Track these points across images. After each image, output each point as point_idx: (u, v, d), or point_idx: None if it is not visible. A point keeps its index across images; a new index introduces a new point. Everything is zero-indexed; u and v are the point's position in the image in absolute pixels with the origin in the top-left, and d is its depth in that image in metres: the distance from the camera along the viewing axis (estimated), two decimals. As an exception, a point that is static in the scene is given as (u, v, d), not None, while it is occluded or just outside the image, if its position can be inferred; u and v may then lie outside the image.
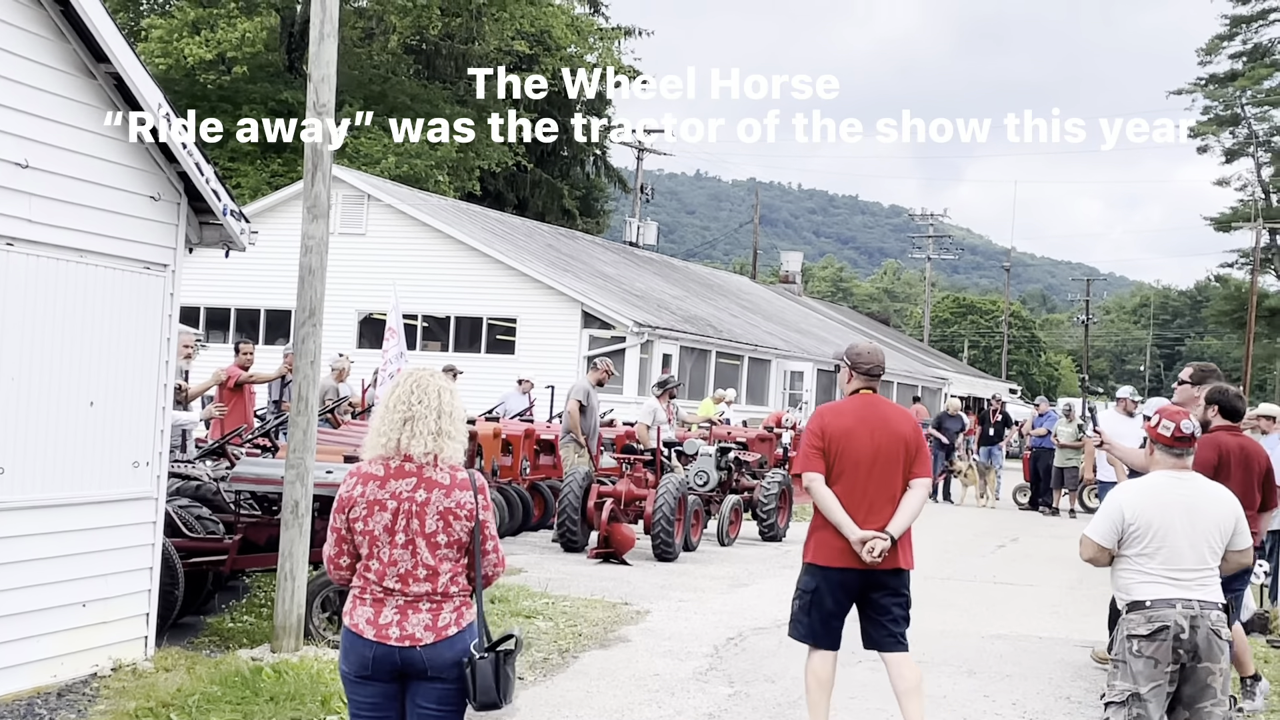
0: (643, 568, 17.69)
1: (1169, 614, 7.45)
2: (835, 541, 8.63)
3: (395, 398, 5.94)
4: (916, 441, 8.82)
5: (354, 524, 5.86)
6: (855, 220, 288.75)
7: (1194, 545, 7.55)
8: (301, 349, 11.51)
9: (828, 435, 8.71)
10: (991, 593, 17.76)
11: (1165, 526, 7.56)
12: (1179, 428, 7.77)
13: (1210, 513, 7.66)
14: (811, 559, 8.80)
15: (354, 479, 5.91)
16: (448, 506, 5.83)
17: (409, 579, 5.80)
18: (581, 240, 51.25)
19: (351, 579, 5.95)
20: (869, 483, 8.63)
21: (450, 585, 5.84)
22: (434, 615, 5.80)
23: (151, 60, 47.02)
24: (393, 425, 5.89)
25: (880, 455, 8.67)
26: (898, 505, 8.67)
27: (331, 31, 11.53)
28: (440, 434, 5.89)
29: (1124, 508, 7.66)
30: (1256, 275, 70.55)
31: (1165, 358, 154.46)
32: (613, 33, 64.47)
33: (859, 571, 8.63)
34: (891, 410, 8.95)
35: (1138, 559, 7.61)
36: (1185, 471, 7.82)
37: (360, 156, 48.18)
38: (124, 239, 10.01)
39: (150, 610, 10.50)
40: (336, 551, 5.95)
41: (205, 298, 36.08)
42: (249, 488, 12.49)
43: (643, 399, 27.80)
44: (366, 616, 5.82)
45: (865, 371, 8.97)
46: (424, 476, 5.85)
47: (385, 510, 5.81)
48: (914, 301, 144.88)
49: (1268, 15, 78.37)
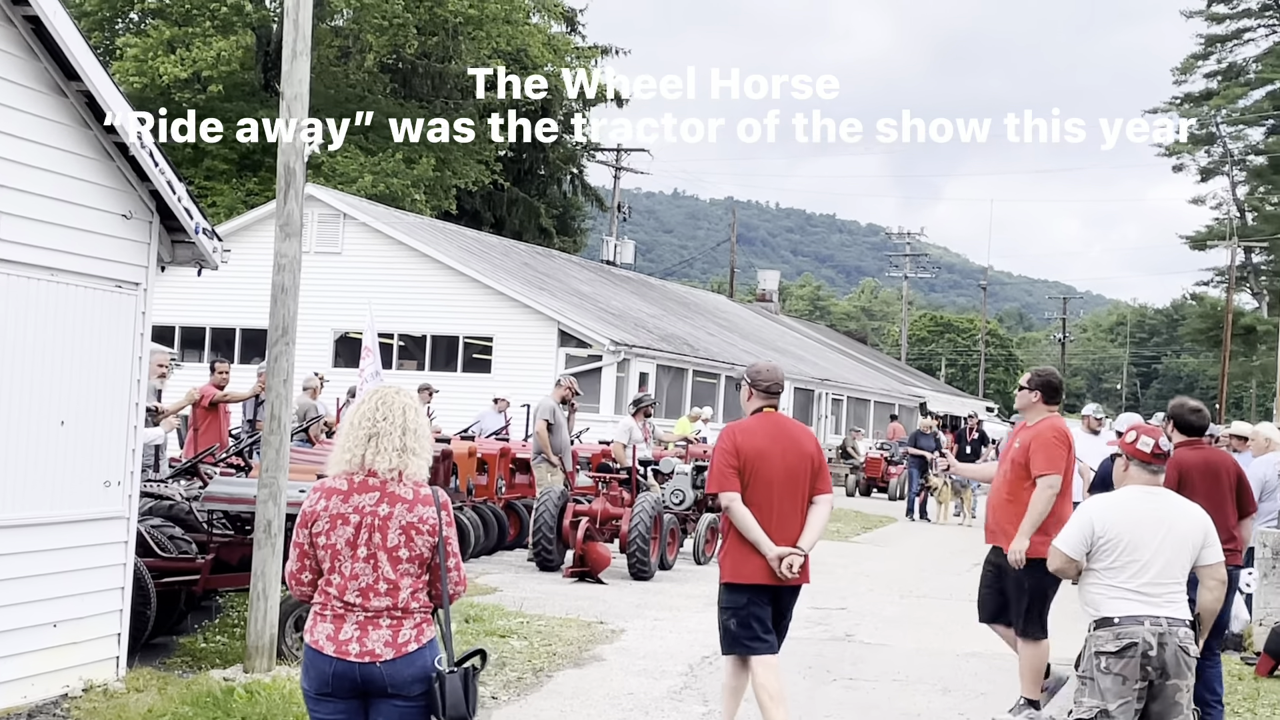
0: (618, 586, 17.66)
1: (1137, 631, 7.46)
2: (753, 559, 8.87)
3: (360, 414, 5.95)
4: (820, 459, 9.10)
5: (316, 538, 5.85)
6: (833, 239, 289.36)
7: (1163, 561, 7.56)
8: (275, 368, 11.48)
9: (742, 454, 8.91)
10: (966, 611, 17.67)
11: (1135, 540, 7.56)
12: (1157, 444, 7.81)
13: (1180, 528, 7.66)
14: (733, 578, 8.99)
15: (318, 494, 5.91)
16: (410, 521, 5.82)
17: (370, 593, 5.77)
18: (558, 259, 51.28)
19: (313, 595, 5.93)
20: (780, 500, 8.88)
21: (411, 601, 5.82)
22: (394, 632, 5.77)
23: (126, 79, 46.95)
24: (357, 441, 5.90)
25: (790, 473, 8.92)
26: (805, 521, 8.93)
27: (304, 50, 11.52)
28: (405, 450, 5.89)
29: (1094, 520, 7.66)
30: (1232, 293, 70.80)
31: (1142, 376, 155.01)
32: (589, 51, 64.65)
33: (774, 586, 8.91)
34: (797, 429, 9.24)
35: (1106, 573, 7.61)
36: (1157, 487, 7.84)
37: (337, 175, 48.13)
38: (95, 257, 9.97)
39: (122, 630, 10.44)
40: (299, 567, 5.95)
41: (180, 316, 36.00)
42: (222, 507, 12.44)
43: (619, 417, 27.78)
44: (327, 633, 5.79)
45: (765, 389, 9.19)
46: (387, 491, 5.84)
47: (348, 524, 5.81)
48: (891, 320, 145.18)
49: (1242, 35, 78.85)
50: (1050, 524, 10.23)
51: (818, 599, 17.71)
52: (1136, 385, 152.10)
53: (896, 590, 19.23)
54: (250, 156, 51.97)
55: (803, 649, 13.93)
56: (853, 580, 20.09)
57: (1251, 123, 78.02)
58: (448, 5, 51.16)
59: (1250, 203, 79.21)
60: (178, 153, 47.76)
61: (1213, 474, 10.61)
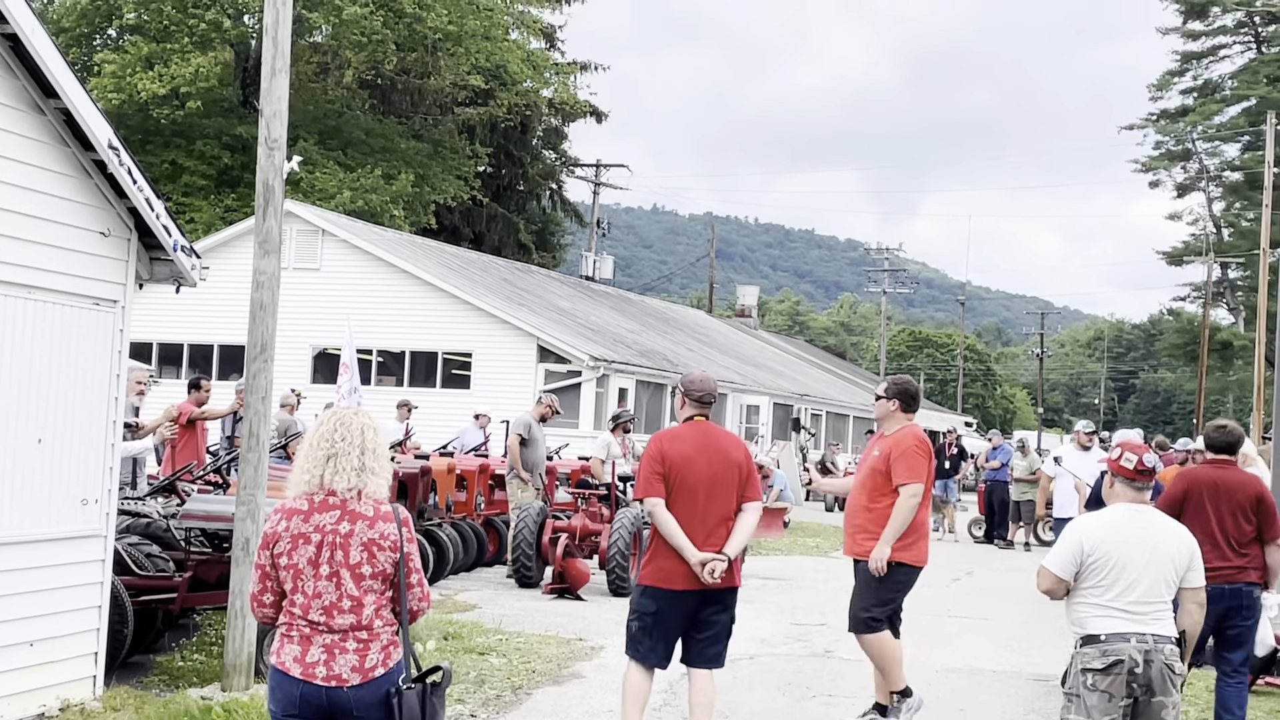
0: (598, 603, 17.64)
1: (1123, 648, 7.48)
2: (675, 565, 8.99)
3: (319, 435, 5.99)
4: (748, 466, 9.22)
5: (278, 559, 5.87)
6: (812, 254, 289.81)
7: (1149, 579, 7.58)
8: (253, 385, 11.46)
9: (668, 461, 9.07)
10: (946, 626, 17.77)
11: (1123, 559, 7.58)
12: (1141, 461, 7.83)
13: (1166, 547, 7.68)
14: (651, 582, 9.12)
15: (278, 515, 5.93)
16: (371, 538, 5.85)
17: (333, 611, 5.80)
18: (537, 274, 51.28)
19: (276, 617, 5.96)
20: (706, 506, 9.02)
21: (375, 619, 5.85)
22: (361, 656, 5.80)
23: (104, 95, 46.88)
24: (316, 462, 5.93)
25: (716, 480, 9.06)
26: (732, 527, 9.06)
27: (283, 67, 11.52)
28: (364, 469, 5.92)
29: (1084, 539, 7.67)
30: (1208, 309, 71.06)
31: (1120, 390, 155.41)
32: (568, 67, 64.69)
33: (696, 592, 9.01)
34: (725, 437, 9.39)
35: (1093, 591, 7.62)
36: (1143, 505, 7.87)
37: (315, 191, 48.08)
38: (73, 275, 9.94)
39: (99, 649, 10.39)
40: (260, 589, 5.97)
41: (158, 333, 35.93)
42: (200, 525, 12.42)
43: (598, 433, 27.76)
44: (293, 654, 5.81)
45: (697, 399, 9.36)
46: (347, 509, 5.87)
47: (309, 543, 5.83)
48: (870, 335, 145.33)
49: (1218, 51, 79.20)
50: (909, 532, 10.53)
51: (797, 615, 17.72)
52: (1114, 400, 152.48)
53: (876, 606, 19.20)
54: (228, 172, 51.94)
55: (782, 665, 13.94)
56: (832, 595, 20.07)
57: (1227, 139, 78.34)
58: (427, 21, 51.18)
59: (1226, 218, 79.51)
60: (155, 169, 47.73)
61: (1230, 494, 10.64)
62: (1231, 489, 10.66)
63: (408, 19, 51.49)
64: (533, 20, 61.26)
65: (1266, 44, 76.46)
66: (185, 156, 51.36)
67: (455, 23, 52.12)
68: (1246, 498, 10.66)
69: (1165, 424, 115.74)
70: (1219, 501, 10.59)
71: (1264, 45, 76.84)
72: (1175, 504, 10.55)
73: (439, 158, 57.36)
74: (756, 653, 14.51)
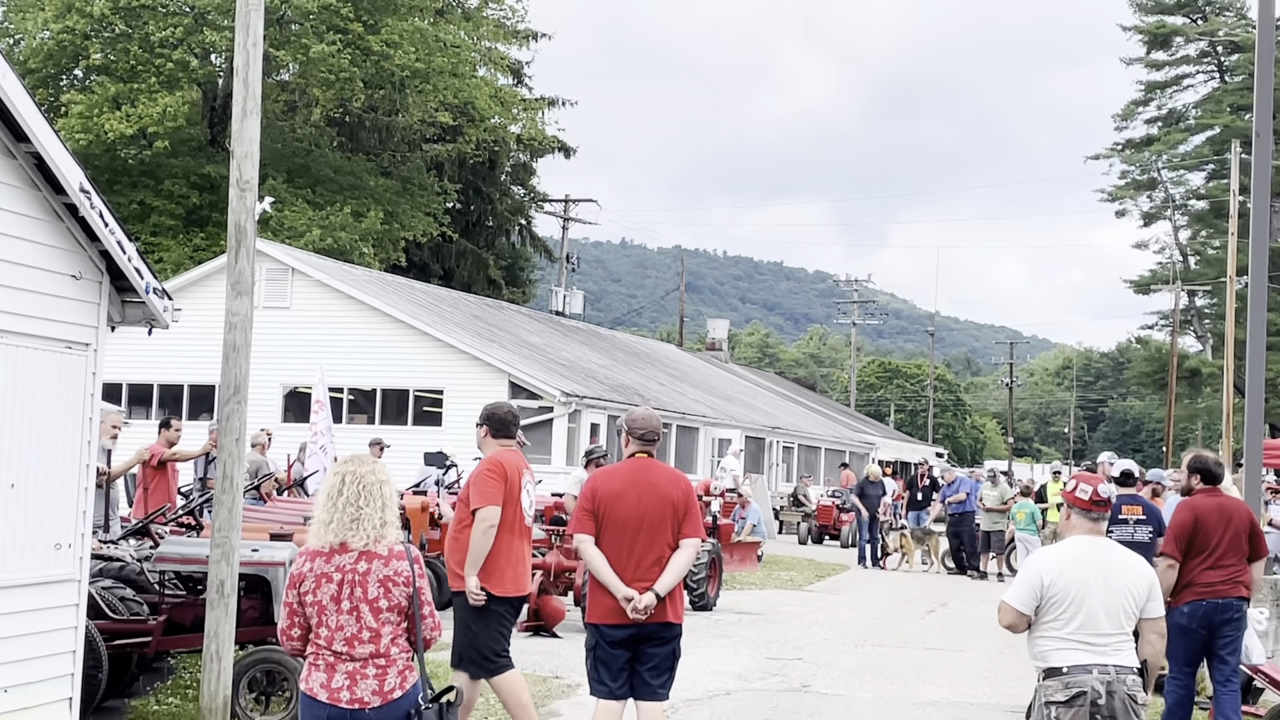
0: (574, 640, 17.55)
1: (1086, 680, 7.53)
2: (607, 600, 9.06)
3: (344, 499, 6.61)
4: (686, 503, 9.23)
5: (304, 597, 6.57)
6: (781, 286, 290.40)
7: (1109, 611, 7.62)
8: (226, 426, 11.43)
9: (597, 498, 9.16)
10: (922, 659, 17.78)
11: (1082, 591, 7.61)
12: (1095, 491, 7.88)
13: (1124, 579, 7.71)
14: (589, 618, 9.25)
15: (303, 558, 6.63)
16: (387, 575, 6.56)
17: (354, 641, 6.50)
18: (507, 310, 51.28)
19: (303, 649, 6.64)
20: (635, 542, 9.06)
21: (391, 646, 6.54)
22: (380, 680, 6.49)
23: (72, 136, 46.75)
24: (341, 525, 6.59)
25: (647, 517, 9.09)
26: (665, 564, 9.06)
27: (254, 109, 11.52)
28: (385, 524, 6.64)
29: (1043, 573, 7.70)
30: (1176, 337, 71.40)
31: (1089, 419, 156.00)
32: (536, 103, 64.78)
33: (630, 626, 9.02)
34: (662, 473, 9.36)
35: (1054, 624, 7.66)
36: (1100, 537, 7.91)
37: (284, 230, 48.00)
38: (45, 318, 9.91)
39: (74, 694, 10.32)
40: (289, 624, 6.67)
41: (127, 374, 35.70)
42: (174, 567, 12.34)
43: (571, 469, 27.73)
44: (320, 681, 6.50)
45: (640, 436, 9.43)
46: (364, 550, 6.58)
47: (331, 581, 6.54)
48: (840, 366, 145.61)
49: (1181, 81, 79.69)
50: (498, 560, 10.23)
51: (773, 649, 17.71)
52: (1084, 428, 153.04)
53: (852, 639, 19.24)
54: (197, 212, 51.82)
55: (760, 700, 13.92)
56: (807, 629, 20.09)
57: (1192, 168, 78.75)
58: (394, 59, 51.20)
59: (1193, 246, 79.87)
60: (123, 209, 47.62)
61: (1228, 520, 11.44)
62: (1231, 515, 11.52)
63: (375, 57, 51.51)
64: (500, 56, 61.38)
65: (1229, 73, 76.95)
66: (153, 196, 51.23)
67: (423, 60, 52.17)
68: (1244, 522, 11.54)
69: (1135, 451, 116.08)
70: (1225, 527, 11.39)
71: (1227, 75, 77.34)
72: (1186, 530, 11.32)
73: (408, 194, 57.34)
74: (733, 688, 14.50)
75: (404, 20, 52.24)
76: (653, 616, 8.98)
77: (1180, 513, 11.49)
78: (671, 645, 9.20)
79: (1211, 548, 11.31)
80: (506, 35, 62.38)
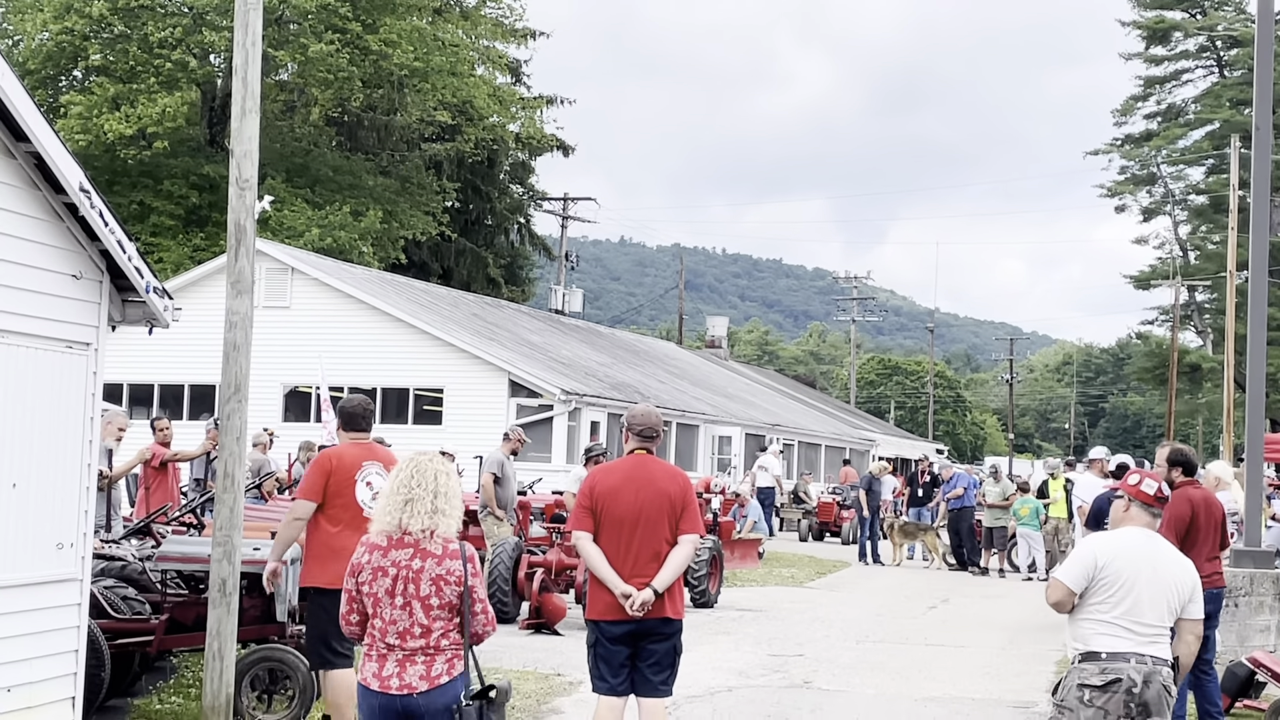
0: (575, 638, 17.56)
1: (1124, 667, 7.66)
2: (605, 596, 9.13)
3: (398, 482, 6.90)
4: (684, 499, 9.27)
5: (361, 587, 6.88)
6: (780, 284, 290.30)
7: (1154, 601, 7.78)
8: (227, 425, 11.43)
9: (595, 495, 9.23)
10: (924, 655, 17.78)
11: (1133, 578, 7.77)
12: (1160, 489, 8.15)
13: (1173, 574, 7.90)
14: (589, 614, 9.33)
15: (363, 549, 6.95)
16: (439, 574, 6.80)
17: (406, 636, 6.77)
18: (507, 309, 51.27)
19: (362, 635, 6.95)
20: (633, 538, 9.11)
21: (441, 640, 6.79)
22: (428, 666, 6.75)
23: (71, 137, 46.73)
24: (395, 506, 6.86)
25: (644, 512, 9.14)
26: (663, 560, 9.09)
27: (254, 108, 11.52)
28: (436, 511, 6.86)
29: (1098, 555, 7.87)
30: (1176, 332, 71.37)
31: (1089, 415, 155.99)
32: (535, 102, 64.76)
33: (629, 622, 9.08)
34: (659, 469, 9.39)
35: (1099, 607, 7.80)
36: (1154, 532, 8.10)
37: (284, 229, 48.01)
38: (46, 318, 9.90)
39: (76, 694, 10.32)
40: (348, 610, 6.98)
41: (128, 374, 35.70)
42: (175, 567, 12.34)
43: (571, 467, 27.74)
44: (373, 670, 6.80)
45: (639, 433, 9.49)
46: (420, 547, 6.83)
47: (387, 576, 6.81)
48: (839, 363, 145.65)
49: (1180, 76, 79.60)
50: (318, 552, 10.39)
51: (775, 645, 17.72)
52: (1084, 424, 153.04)
53: (853, 635, 19.25)
54: (196, 212, 51.82)
55: (761, 696, 13.93)
56: (809, 626, 20.10)
57: (1191, 162, 78.72)
58: (393, 58, 51.19)
59: (1193, 241, 79.80)
60: (123, 209, 47.61)
61: (1210, 511, 11.81)
62: (1212, 506, 11.87)
63: (374, 56, 51.49)
64: (498, 55, 61.39)
65: (1228, 68, 76.93)
66: (153, 196, 51.22)
67: (421, 59, 52.17)
68: (1220, 515, 11.92)
69: (1136, 447, 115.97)
70: (1209, 518, 11.76)
71: (1226, 69, 77.34)
72: (1184, 523, 11.53)
73: (407, 194, 57.32)
74: (735, 684, 14.50)
75: (402, 19, 52.27)
76: (651, 612, 9.03)
77: (1177, 504, 11.56)
78: (671, 641, 9.23)
79: (1201, 540, 11.60)
80: (505, 34, 62.42)
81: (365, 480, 10.50)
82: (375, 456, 10.75)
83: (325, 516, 10.47)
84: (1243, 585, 14.65)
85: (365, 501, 10.36)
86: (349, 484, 10.49)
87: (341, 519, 10.41)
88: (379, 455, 10.83)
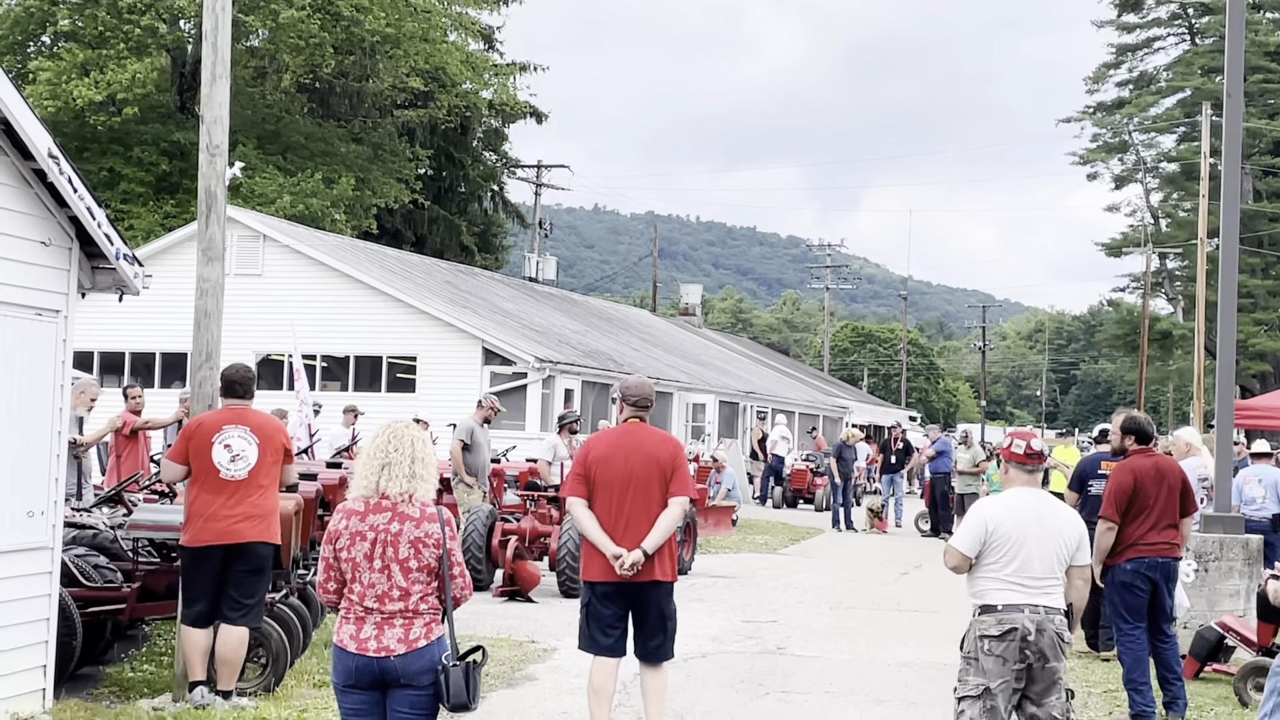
0: (549, 605, 17.63)
1: (1018, 618, 8.30)
2: (599, 558, 9.48)
3: (375, 447, 6.97)
4: (673, 463, 9.66)
5: (339, 553, 6.89)
6: (754, 251, 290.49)
7: (1043, 556, 8.39)
8: (199, 393, 11.41)
9: (589, 461, 9.61)
10: (896, 620, 17.86)
11: (1021, 537, 8.37)
12: (1029, 446, 8.66)
13: (1059, 528, 8.49)
14: (583, 575, 9.71)
15: (339, 515, 6.96)
16: (417, 536, 6.84)
17: (385, 599, 6.81)
18: (480, 276, 51.15)
19: (338, 602, 6.96)
20: (624, 502, 9.51)
21: (420, 604, 6.84)
22: (406, 630, 6.79)
23: (40, 103, 46.34)
24: (372, 470, 6.93)
25: (634, 477, 9.52)
26: (654, 522, 9.47)
27: (224, 73, 11.46)
28: (414, 476, 6.92)
29: (987, 520, 8.47)
30: (1148, 299, 71.60)
31: (1061, 382, 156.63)
32: (508, 69, 64.45)
33: (621, 584, 9.52)
34: (650, 436, 9.78)
35: (992, 566, 8.41)
36: (1037, 489, 8.67)
37: (255, 196, 47.76)
38: (14, 285, 9.85)
39: (48, 662, 10.30)
40: (325, 578, 6.99)
41: (98, 341, 35.50)
42: (147, 535, 12.28)
43: (545, 434, 27.72)
44: (350, 633, 6.83)
45: (633, 403, 9.90)
46: (398, 511, 6.88)
47: (364, 540, 6.84)
48: (813, 331, 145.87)
49: (1152, 44, 79.60)
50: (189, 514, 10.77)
51: (748, 612, 17.76)
52: (1056, 392, 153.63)
53: (826, 602, 19.31)
54: (167, 179, 51.50)
55: (734, 662, 13.97)
56: (782, 592, 20.16)
57: (1163, 130, 78.78)
58: (365, 24, 50.84)
59: (1164, 209, 79.97)
60: (93, 176, 47.30)
61: (1162, 479, 11.70)
62: (1165, 474, 11.78)
63: (345, 22, 51.14)
64: (471, 22, 61.02)
65: (1200, 35, 76.96)
66: (123, 163, 50.86)
67: (393, 25, 51.82)
68: (1177, 481, 11.84)
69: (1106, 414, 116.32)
70: (1160, 486, 11.66)
71: (1198, 37, 77.34)
72: (1126, 492, 11.58)
73: (379, 161, 57.06)
74: (709, 650, 14.54)
75: (374, -15, 51.91)
76: (641, 574, 9.46)
77: (1119, 475, 11.78)
78: (661, 605, 9.70)
79: (1150, 508, 11.60)
80: (477, 0, 62.06)
81: (224, 443, 10.80)
82: (243, 421, 10.97)
83: (192, 480, 10.84)
84: (1213, 550, 14.71)
85: (222, 463, 10.72)
86: (206, 447, 10.78)
87: (198, 480, 10.78)
88: (249, 420, 11.02)
